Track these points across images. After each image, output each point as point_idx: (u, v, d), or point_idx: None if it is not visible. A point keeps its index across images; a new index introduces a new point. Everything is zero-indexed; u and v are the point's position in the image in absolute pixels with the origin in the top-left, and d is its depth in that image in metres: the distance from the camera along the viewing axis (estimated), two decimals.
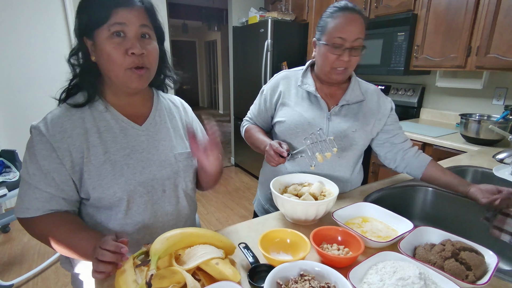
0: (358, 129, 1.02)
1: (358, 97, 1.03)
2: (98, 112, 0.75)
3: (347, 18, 0.90)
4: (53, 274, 1.98)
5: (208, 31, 7.68)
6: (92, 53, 0.71)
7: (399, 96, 2.56)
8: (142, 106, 0.83)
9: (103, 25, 0.66)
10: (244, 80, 3.53)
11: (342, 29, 0.90)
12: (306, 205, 0.79)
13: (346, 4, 0.92)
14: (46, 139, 0.69)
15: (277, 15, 3.04)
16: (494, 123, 1.65)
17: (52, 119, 0.71)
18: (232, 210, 2.91)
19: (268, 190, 1.15)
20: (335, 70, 0.95)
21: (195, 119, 0.97)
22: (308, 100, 1.03)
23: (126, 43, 0.68)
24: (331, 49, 0.92)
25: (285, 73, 1.10)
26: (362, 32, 0.92)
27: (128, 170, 0.75)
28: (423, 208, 1.12)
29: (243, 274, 0.65)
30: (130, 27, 0.68)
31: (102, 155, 0.73)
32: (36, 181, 0.70)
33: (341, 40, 0.90)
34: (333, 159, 1.02)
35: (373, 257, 0.63)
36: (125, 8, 0.67)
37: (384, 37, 2.27)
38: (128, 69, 0.69)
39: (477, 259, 0.62)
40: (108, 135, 0.75)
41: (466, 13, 1.83)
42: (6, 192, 1.82)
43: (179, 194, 0.85)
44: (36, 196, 0.70)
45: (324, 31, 0.94)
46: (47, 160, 0.70)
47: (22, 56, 2.62)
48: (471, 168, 1.32)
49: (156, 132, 0.82)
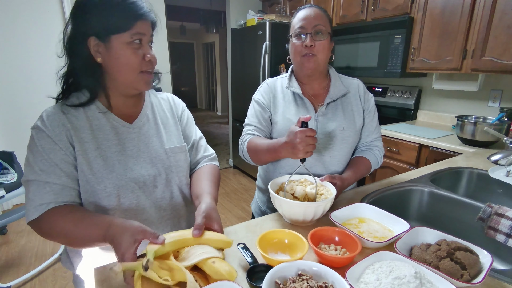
0: (346, 128, 1.04)
1: (342, 91, 1.06)
2: (91, 111, 0.79)
3: (305, 10, 1.00)
4: (50, 276, 1.97)
5: (206, 33, 7.70)
6: (96, 55, 0.73)
7: (396, 98, 2.58)
8: (135, 105, 0.86)
9: (125, 32, 0.71)
10: (242, 82, 3.55)
11: (301, 19, 0.99)
12: (304, 206, 0.80)
13: (306, 4, 1.04)
14: (47, 134, 0.73)
15: (275, 18, 3.06)
16: (489, 125, 1.67)
17: (48, 115, 0.75)
18: (230, 211, 2.91)
19: (266, 193, 1.16)
20: (304, 58, 1.00)
21: (187, 110, 1.01)
22: (295, 103, 1.06)
23: (143, 49, 0.75)
24: (296, 39, 1.00)
25: (270, 81, 1.13)
26: (321, 19, 0.98)
27: (119, 166, 0.78)
28: (419, 209, 1.13)
29: (242, 274, 0.65)
30: (146, 37, 0.75)
31: (94, 150, 0.76)
32: (45, 177, 0.71)
33: (302, 29, 0.98)
34: (325, 159, 1.04)
35: (370, 257, 0.64)
36: (145, 21, 0.74)
37: (381, 40, 2.29)
38: (141, 72, 0.76)
39: (472, 259, 0.63)
40: (100, 133, 0.78)
41: (462, 16, 1.85)
42: (3, 193, 1.82)
43: (173, 189, 0.88)
44: (47, 190, 0.71)
45: (290, 27, 1.03)
46: (53, 153, 0.72)
47: (20, 58, 2.62)
48: (467, 169, 1.34)
49: (146, 129, 0.85)
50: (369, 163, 1.08)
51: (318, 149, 1.03)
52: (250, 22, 3.29)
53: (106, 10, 0.70)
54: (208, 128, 6.70)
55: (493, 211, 0.87)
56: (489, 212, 0.89)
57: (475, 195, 1.30)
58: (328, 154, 1.04)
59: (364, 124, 1.10)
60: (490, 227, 0.88)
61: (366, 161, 1.08)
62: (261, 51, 3.01)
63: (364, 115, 1.10)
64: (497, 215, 0.87)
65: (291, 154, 0.83)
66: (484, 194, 1.28)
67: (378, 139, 1.14)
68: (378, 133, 1.14)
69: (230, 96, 3.90)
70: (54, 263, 2.09)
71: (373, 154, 1.10)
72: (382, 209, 0.86)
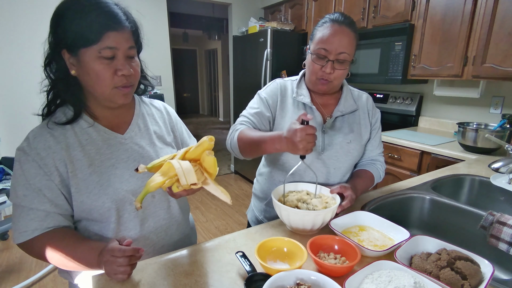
0: (353, 140, 1.02)
1: (352, 106, 1.04)
2: (78, 127, 0.75)
3: (334, 30, 0.89)
4: (51, 283, 1.96)
5: (209, 40, 7.77)
6: (71, 67, 0.70)
7: (397, 105, 2.58)
8: (125, 115, 0.83)
9: (92, 45, 0.65)
10: (244, 88, 3.57)
11: (327, 40, 0.89)
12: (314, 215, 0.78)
13: (338, 17, 0.91)
14: (32, 158, 0.70)
15: (276, 25, 3.09)
16: (491, 132, 1.66)
17: (34, 137, 0.71)
18: (231, 217, 2.90)
19: (263, 201, 1.12)
20: (319, 80, 0.96)
21: (179, 120, 0.99)
22: (304, 111, 1.02)
23: (116, 64, 0.69)
24: (316, 59, 0.93)
25: (282, 81, 1.07)
26: (348, 47, 0.90)
27: (115, 179, 0.75)
28: (421, 217, 1.13)
29: (240, 283, 0.65)
30: (120, 50, 0.68)
31: (87, 167, 0.73)
32: (29, 202, 0.69)
33: (325, 52, 0.90)
34: (329, 171, 1.02)
35: (369, 266, 0.63)
36: (116, 31, 0.67)
37: (382, 47, 2.30)
38: (115, 87, 0.71)
39: (473, 268, 0.63)
40: (91, 148, 0.75)
41: (462, 23, 1.86)
42: (5, 199, 1.83)
43: (170, 199, 0.87)
44: (31, 217, 0.69)
45: (313, 39, 0.94)
46: (37, 178, 0.69)
47: (23, 64, 2.65)
48: (468, 176, 1.33)
49: (139, 138, 0.82)
50: (372, 177, 1.07)
51: (323, 160, 1.00)
52: (251, 29, 3.32)
53: (75, 22, 0.64)
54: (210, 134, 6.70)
55: (495, 219, 0.87)
56: (491, 220, 0.88)
57: (477, 202, 1.29)
58: (332, 166, 1.02)
59: (369, 139, 1.09)
60: (492, 235, 0.88)
61: (370, 174, 1.07)
62: (263, 58, 3.03)
63: (371, 130, 1.09)
64: (499, 223, 0.86)
65: (291, 150, 0.80)
66: (486, 201, 1.27)
67: (381, 155, 1.13)
68: (381, 148, 1.13)
69: (232, 102, 3.92)
70: (54, 270, 2.08)
71: (376, 168, 1.09)
72: (383, 217, 0.85)
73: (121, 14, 0.69)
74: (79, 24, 0.65)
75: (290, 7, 3.34)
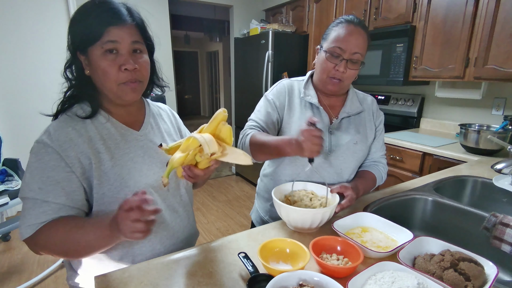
0: (359, 141, 1.03)
1: (358, 108, 1.06)
2: (98, 122, 0.78)
3: (350, 30, 0.92)
4: (52, 284, 1.96)
5: (210, 42, 7.80)
6: (86, 68, 0.73)
7: (399, 106, 2.58)
8: (137, 113, 0.87)
9: (96, 42, 0.69)
10: (245, 90, 3.57)
11: (343, 39, 0.92)
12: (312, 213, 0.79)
13: (353, 18, 0.94)
14: (53, 149, 0.69)
15: (277, 27, 3.10)
16: (493, 133, 1.66)
17: (55, 130, 0.72)
18: (233, 219, 2.90)
19: (268, 202, 1.12)
20: (330, 79, 0.97)
21: (182, 123, 1.04)
22: (311, 110, 1.04)
23: (120, 60, 0.71)
24: (330, 57, 0.95)
25: (288, 82, 1.08)
26: (362, 47, 0.93)
27: (135, 173, 0.78)
28: (423, 218, 1.12)
29: (243, 283, 0.65)
30: (123, 44, 0.71)
31: (109, 160, 0.75)
32: (44, 195, 0.68)
33: (340, 50, 0.92)
34: (335, 172, 1.03)
35: (372, 267, 0.63)
36: (117, 26, 0.69)
37: (383, 48, 2.31)
38: (122, 83, 0.73)
39: (476, 270, 0.62)
40: (111, 142, 0.77)
41: (464, 24, 1.86)
42: (7, 200, 1.83)
43: (181, 192, 0.91)
44: (43, 210, 0.68)
45: (327, 38, 0.96)
46: (56, 170, 0.69)
47: (25, 65, 2.66)
48: (471, 178, 1.33)
49: (152, 136, 0.87)
50: (375, 178, 1.08)
51: (330, 161, 1.01)
52: (253, 31, 3.33)
53: (82, 22, 0.69)
54: None
55: (498, 221, 0.86)
56: (494, 221, 0.88)
57: (480, 204, 1.28)
58: (339, 167, 1.02)
59: (373, 141, 1.11)
60: (495, 237, 0.87)
61: (372, 175, 1.08)
62: (264, 60, 3.04)
63: (376, 131, 1.11)
64: (502, 224, 0.86)
65: (298, 153, 0.82)
66: (489, 203, 1.26)
67: (383, 157, 1.15)
68: (383, 151, 1.14)
69: (233, 103, 3.93)
70: (56, 271, 2.08)
71: (378, 170, 1.10)
72: (386, 218, 0.85)
73: (124, 10, 0.72)
74: (85, 24, 0.69)
75: (291, 9, 3.35)
